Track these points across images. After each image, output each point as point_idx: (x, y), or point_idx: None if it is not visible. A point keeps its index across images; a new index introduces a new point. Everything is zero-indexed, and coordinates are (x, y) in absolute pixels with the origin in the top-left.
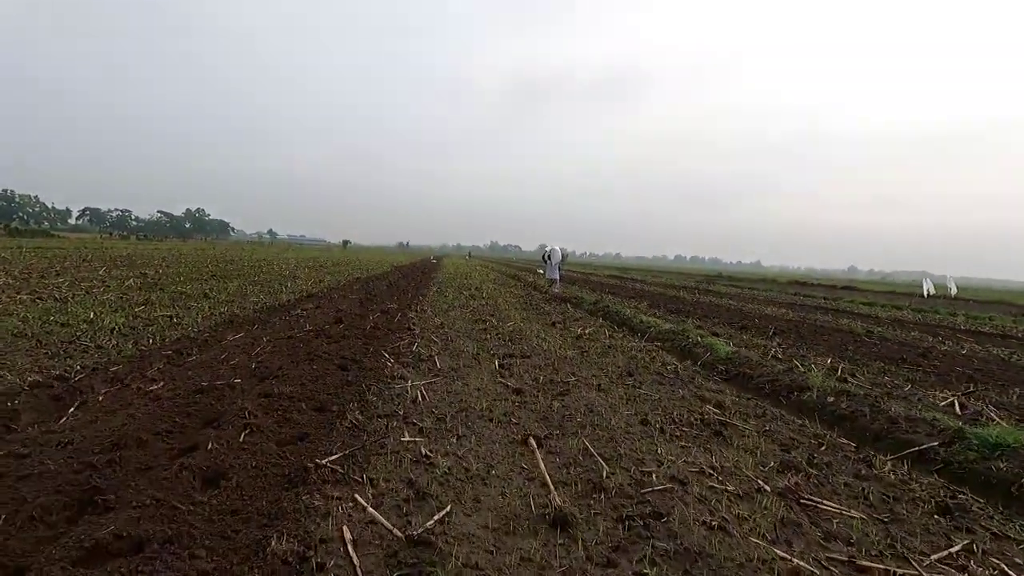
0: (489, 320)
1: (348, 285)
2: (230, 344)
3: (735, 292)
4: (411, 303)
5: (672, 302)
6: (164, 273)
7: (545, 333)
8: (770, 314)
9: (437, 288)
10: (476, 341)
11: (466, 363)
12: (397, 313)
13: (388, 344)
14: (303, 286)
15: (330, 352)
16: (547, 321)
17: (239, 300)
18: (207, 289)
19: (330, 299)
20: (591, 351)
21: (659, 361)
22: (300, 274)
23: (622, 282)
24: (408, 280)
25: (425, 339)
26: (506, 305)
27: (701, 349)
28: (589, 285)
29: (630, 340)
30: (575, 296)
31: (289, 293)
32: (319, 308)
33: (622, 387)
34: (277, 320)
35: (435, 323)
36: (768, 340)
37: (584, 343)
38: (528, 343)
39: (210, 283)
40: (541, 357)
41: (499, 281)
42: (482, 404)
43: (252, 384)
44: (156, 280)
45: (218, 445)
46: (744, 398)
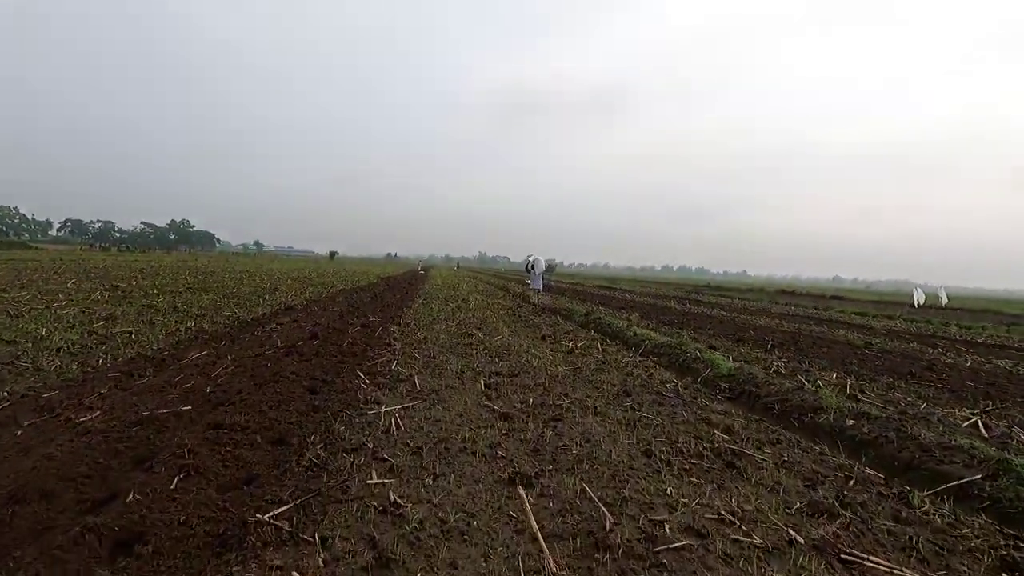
0: (476, 334)
1: (331, 297)
2: (189, 364)
3: (725, 302)
4: (395, 316)
5: (664, 313)
6: (137, 285)
7: (535, 348)
8: (764, 325)
9: (423, 300)
10: (461, 357)
11: (449, 383)
12: (378, 327)
13: (365, 362)
14: (283, 298)
15: (299, 372)
16: (537, 335)
17: (211, 314)
18: (179, 302)
19: (309, 312)
20: (584, 368)
21: (657, 378)
22: (281, 286)
23: (611, 292)
24: (394, 292)
25: (406, 356)
26: (494, 317)
27: (701, 365)
28: (579, 296)
29: (624, 354)
30: (565, 308)
31: (266, 306)
32: (296, 322)
33: (620, 409)
34: (248, 336)
35: (418, 338)
36: (767, 353)
37: (576, 359)
38: (517, 359)
39: (184, 296)
40: (531, 375)
41: (487, 292)
42: (464, 433)
43: (203, 412)
44: (126, 293)
45: (143, 494)
46: (753, 421)
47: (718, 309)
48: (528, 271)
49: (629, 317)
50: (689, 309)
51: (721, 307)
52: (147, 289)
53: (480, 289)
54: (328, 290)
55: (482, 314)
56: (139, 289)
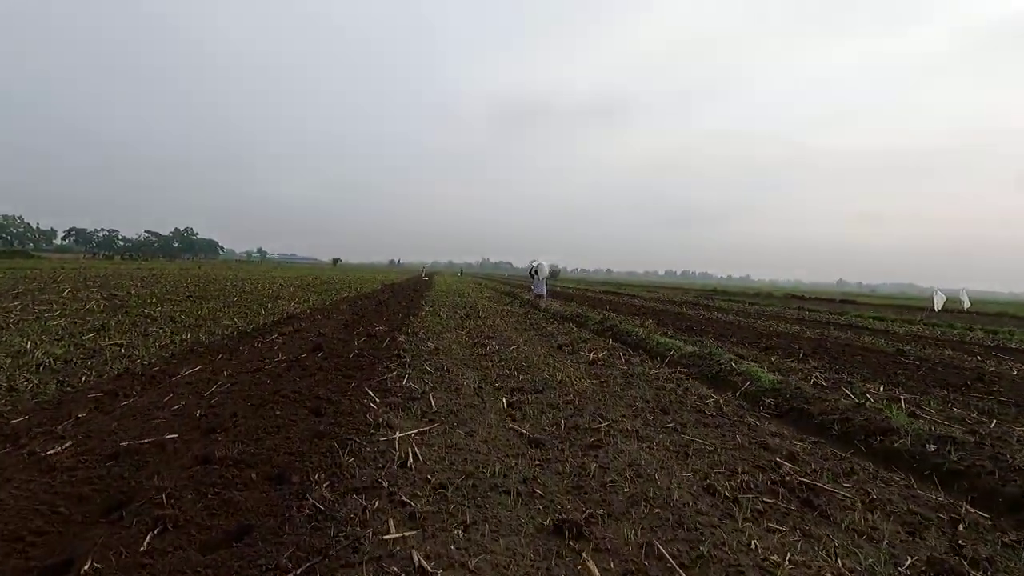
0: (489, 343)
1: (334, 305)
2: (181, 381)
3: (737, 307)
4: (402, 325)
5: (678, 319)
6: (137, 294)
7: (554, 359)
8: (786, 331)
9: (430, 307)
10: (477, 370)
11: (468, 401)
12: (386, 337)
13: (374, 377)
14: (285, 307)
15: (301, 390)
16: (552, 344)
17: (209, 324)
18: (177, 312)
19: (313, 321)
20: (611, 381)
21: (693, 393)
22: (284, 294)
23: (620, 298)
24: (399, 299)
25: (417, 369)
26: (505, 325)
27: (738, 377)
28: (588, 302)
29: (651, 366)
30: (578, 314)
31: (268, 315)
32: (298, 332)
33: (663, 432)
34: (247, 348)
35: (429, 348)
36: (800, 363)
37: (600, 371)
38: (537, 372)
39: (183, 305)
40: (556, 391)
41: (494, 299)
42: (493, 465)
43: (191, 441)
44: (124, 302)
45: (103, 561)
46: (812, 443)
47: (732, 314)
48: (532, 276)
49: (644, 323)
50: (704, 315)
51: (735, 312)
52: (146, 298)
53: (487, 296)
54: (332, 298)
55: (493, 322)
56: (137, 298)
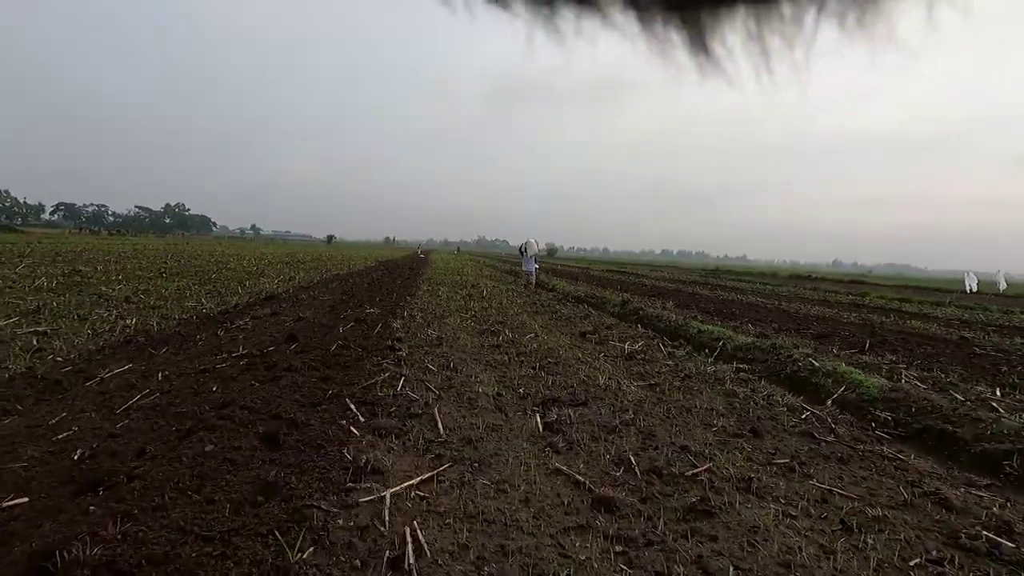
0: (501, 331)
1: (323, 283)
2: (93, 389)
3: (749, 287)
4: (397, 307)
5: (697, 300)
6: (104, 270)
7: (582, 352)
8: (822, 315)
9: (428, 287)
10: (492, 369)
11: (487, 420)
12: (377, 322)
13: (359, 380)
14: (267, 285)
15: (256, 404)
16: (574, 331)
17: (170, 305)
18: (140, 290)
19: (295, 302)
20: (664, 385)
21: (778, 402)
22: (269, 271)
23: (625, 277)
24: (394, 277)
25: (416, 367)
26: (514, 308)
27: (826, 380)
28: (595, 281)
29: (701, 360)
30: (593, 295)
31: (245, 294)
32: (275, 316)
33: (776, 472)
34: (204, 338)
35: (429, 338)
36: (871, 355)
37: (643, 368)
38: (569, 371)
39: (153, 282)
40: (604, 403)
41: (496, 277)
42: (547, 560)
43: (40, 516)
44: (84, 280)
45: None
46: (996, 491)
47: (751, 295)
48: (522, 254)
49: (664, 305)
50: (721, 296)
51: (752, 293)
52: (111, 275)
53: (487, 274)
54: (321, 275)
55: (499, 303)
56: (102, 275)
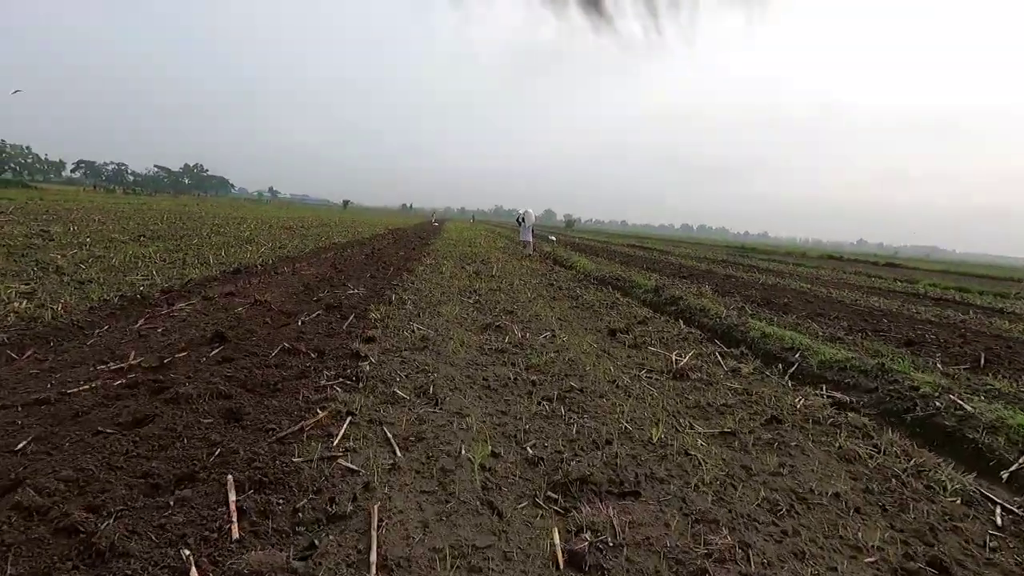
0: (509, 327)
1: (314, 254)
2: None
3: (786, 269)
4: (387, 288)
5: (736, 285)
6: (77, 232)
7: (615, 363)
8: (885, 309)
9: (433, 260)
10: (489, 399)
11: (465, 536)
12: (354, 310)
13: (277, 421)
14: (250, 255)
15: (58, 491)
16: (600, 325)
17: (111, 279)
18: (96, 256)
19: (266, 277)
20: (745, 438)
21: (939, 483)
22: (262, 237)
23: (649, 253)
24: (399, 247)
25: (379, 392)
26: (527, 290)
27: (996, 438)
28: (617, 258)
29: (778, 385)
30: (618, 276)
31: (217, 265)
32: (228, 297)
33: None
34: (105, 332)
35: (413, 336)
36: (1003, 380)
37: (703, 397)
38: (601, 408)
39: (120, 248)
40: (666, 489)
41: (509, 250)
42: None
43: None
44: (44, 242)
45: None
46: None
47: (790, 279)
48: (519, 224)
49: (701, 291)
50: (759, 279)
51: (789, 276)
52: (80, 237)
53: (500, 246)
54: (319, 243)
55: (511, 284)
56: (69, 237)
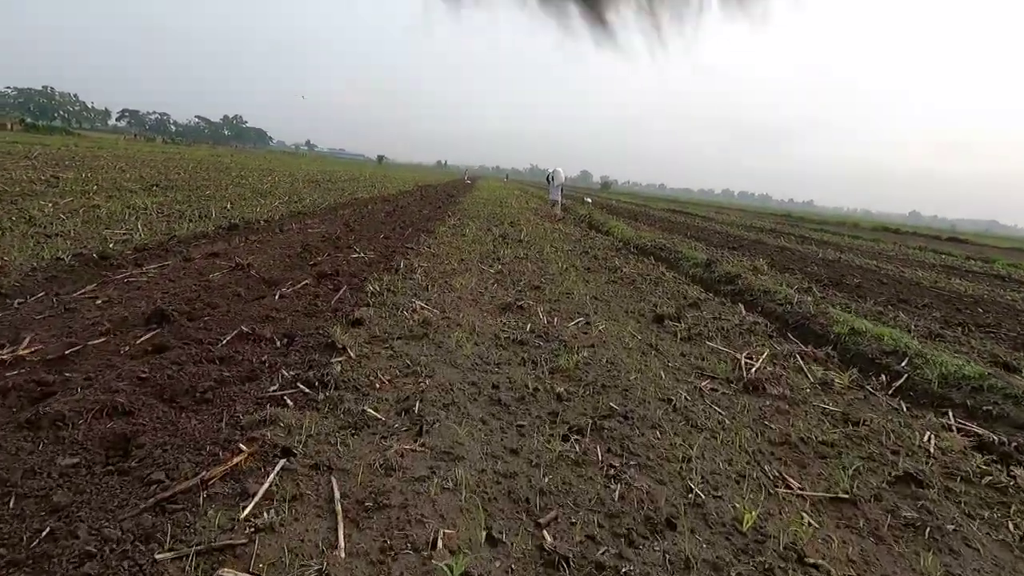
0: (533, 309)
1: (330, 209)
2: None
3: (844, 242)
4: (398, 252)
5: (794, 260)
6: (89, 179)
7: (664, 364)
8: (974, 294)
9: (457, 220)
10: (494, 424)
11: None
12: (352, 279)
13: (194, 445)
14: (260, 208)
15: None
16: (644, 309)
17: (90, 230)
18: (89, 205)
19: (270, 234)
20: (865, 497)
21: None
22: (280, 190)
23: (690, 219)
24: (424, 204)
25: (346, 409)
26: (559, 258)
27: None
28: (657, 224)
29: (886, 407)
30: (661, 246)
31: (220, 219)
32: (211, 258)
33: None
34: (47, 297)
35: (413, 317)
36: None
37: (791, 424)
38: (653, 443)
39: (128, 196)
40: None
41: (542, 211)
42: None
43: None
44: (48, 187)
45: None
46: None
47: (849, 253)
48: (548, 181)
49: (756, 266)
50: (817, 253)
51: (849, 250)
52: (88, 184)
53: (533, 207)
54: (338, 198)
55: (540, 251)
56: (75, 183)
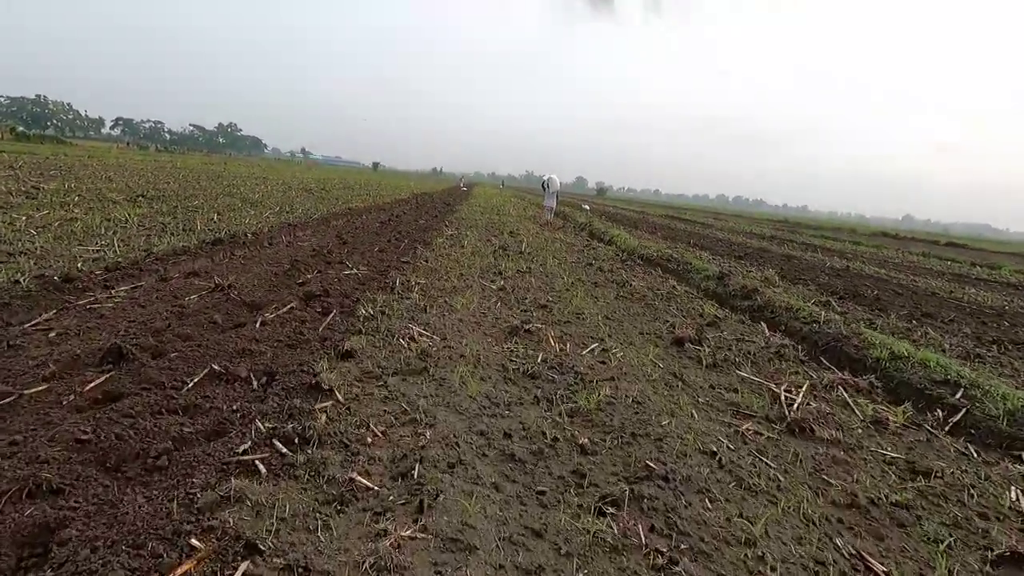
0: (543, 333)
1: (323, 220)
2: None
3: (843, 248)
4: (397, 263)
5: (803, 270)
6: (70, 189)
7: (697, 403)
8: (997, 306)
9: (455, 230)
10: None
11: None
12: (343, 299)
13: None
14: (249, 220)
15: None
16: (661, 330)
17: (61, 247)
18: (73, 216)
19: (256, 248)
20: None
21: None
22: (272, 200)
23: (690, 227)
24: (421, 213)
25: (331, 474)
26: (564, 271)
27: None
28: (660, 232)
29: (948, 448)
30: (669, 257)
31: (204, 232)
32: (189, 277)
33: None
34: None
35: (410, 348)
36: None
37: (859, 480)
38: (697, 501)
39: (110, 208)
40: None
41: (541, 220)
42: None
43: None
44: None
45: None
46: None
47: (856, 261)
48: (544, 189)
49: (767, 278)
50: (825, 262)
51: (858, 259)
52: (68, 196)
53: (530, 215)
54: (333, 207)
55: (542, 262)
56: (60, 195)
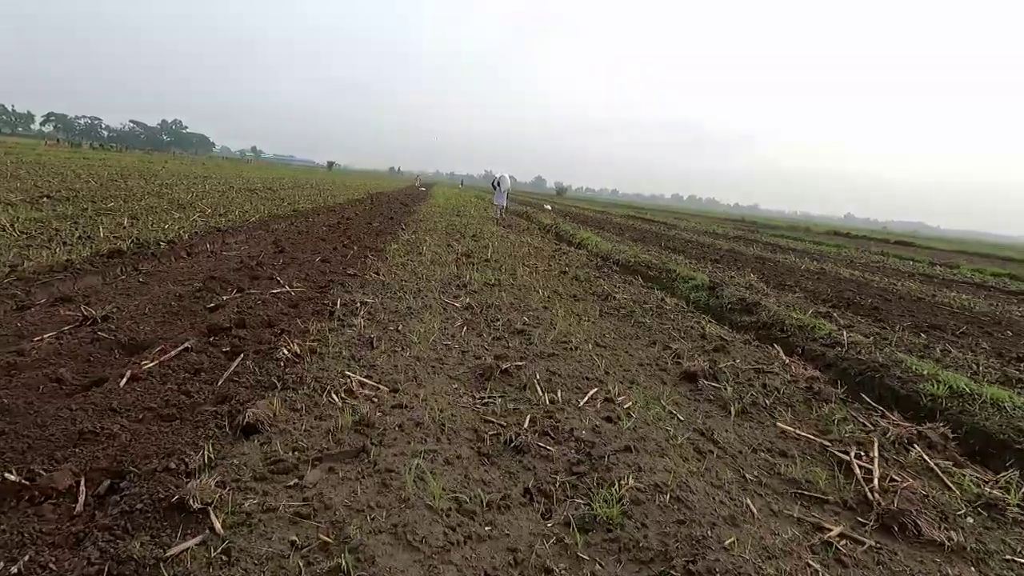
0: (523, 375)
1: (262, 224)
2: None
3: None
4: (342, 276)
5: (782, 273)
6: None
7: (746, 484)
8: (989, 312)
9: (412, 234)
10: None
11: None
12: (265, 332)
13: None
14: (170, 224)
15: None
16: (660, 353)
17: None
18: None
19: (168, 261)
20: None
21: None
22: (207, 201)
23: (655, 227)
24: (375, 215)
25: None
26: (537, 282)
27: None
28: (627, 233)
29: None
30: (649, 263)
31: (105, 240)
32: (56, 305)
33: None
34: None
35: (344, 413)
36: None
37: None
38: None
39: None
40: None
41: (504, 221)
42: None
43: None
44: None
45: None
46: None
47: (831, 264)
48: (494, 188)
49: (751, 283)
50: (799, 265)
51: (823, 258)
52: None
53: (492, 215)
54: (276, 209)
55: (512, 271)
56: None
